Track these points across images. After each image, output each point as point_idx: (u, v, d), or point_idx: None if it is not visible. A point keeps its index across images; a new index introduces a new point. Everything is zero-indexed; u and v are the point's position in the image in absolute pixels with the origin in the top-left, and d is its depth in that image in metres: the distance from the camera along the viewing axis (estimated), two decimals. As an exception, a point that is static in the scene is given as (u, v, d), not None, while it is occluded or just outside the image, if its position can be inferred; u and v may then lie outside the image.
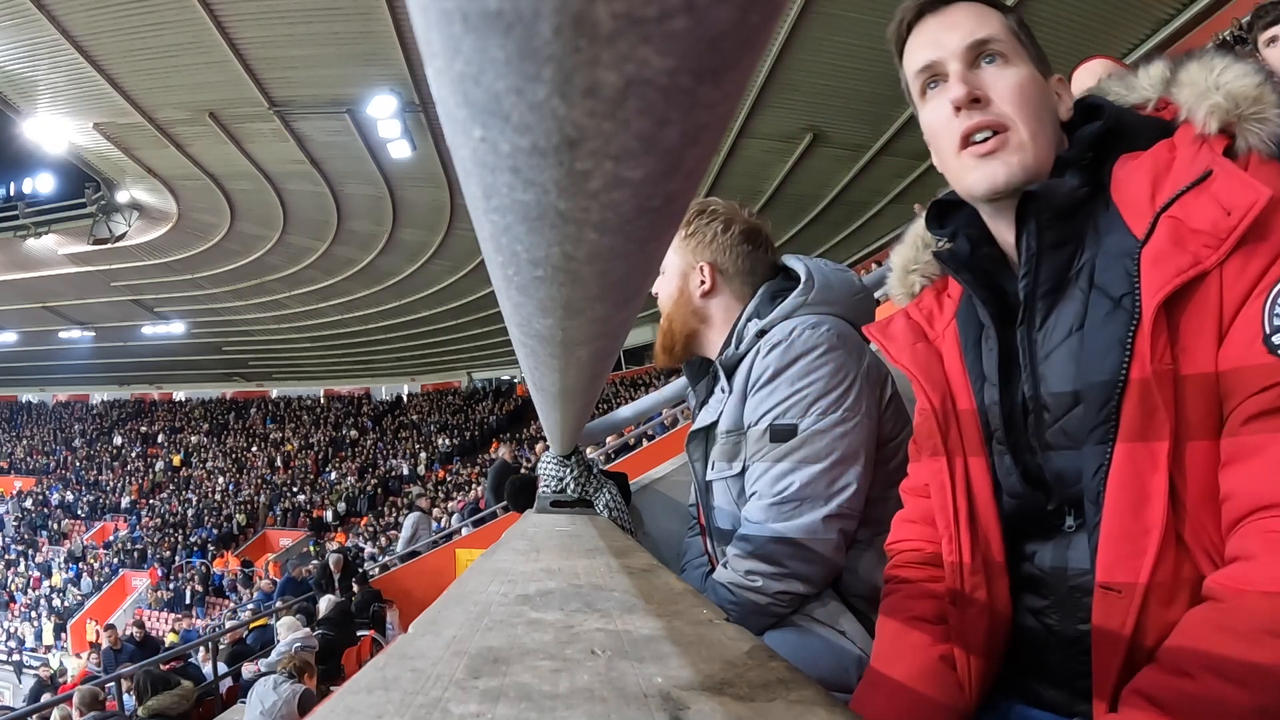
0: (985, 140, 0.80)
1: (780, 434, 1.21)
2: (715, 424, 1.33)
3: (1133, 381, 0.69)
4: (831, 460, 1.18)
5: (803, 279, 1.32)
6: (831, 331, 1.24)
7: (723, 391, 1.32)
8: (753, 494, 1.23)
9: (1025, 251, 0.80)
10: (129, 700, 5.00)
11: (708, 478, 1.35)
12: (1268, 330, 0.64)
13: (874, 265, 10.64)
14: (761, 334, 1.29)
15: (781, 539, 1.16)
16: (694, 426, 1.39)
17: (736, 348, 1.32)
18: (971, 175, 0.81)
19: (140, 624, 8.37)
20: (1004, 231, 0.85)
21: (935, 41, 0.84)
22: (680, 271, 1.41)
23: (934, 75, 0.84)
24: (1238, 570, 0.63)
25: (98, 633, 17.31)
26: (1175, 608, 0.67)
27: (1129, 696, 0.64)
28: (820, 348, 1.21)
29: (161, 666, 5.75)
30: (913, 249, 1.03)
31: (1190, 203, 0.69)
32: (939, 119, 0.84)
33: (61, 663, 14.76)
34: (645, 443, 8.75)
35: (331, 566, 8.35)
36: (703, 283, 1.39)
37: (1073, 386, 0.76)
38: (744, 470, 1.27)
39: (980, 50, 0.82)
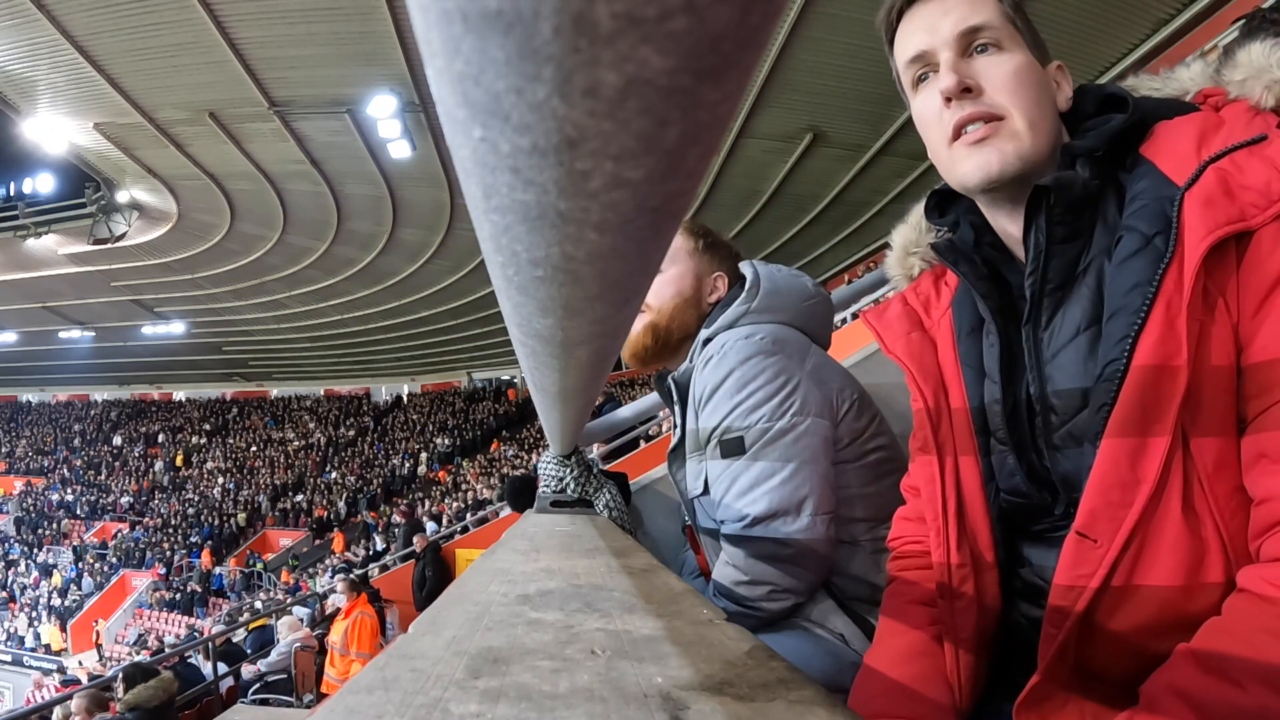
0: (977, 129, 0.76)
1: (730, 448, 1.18)
2: (683, 441, 1.31)
3: (1154, 320, 0.65)
4: (789, 470, 1.14)
5: (747, 285, 1.30)
6: (766, 339, 1.21)
7: (680, 409, 1.31)
8: (721, 515, 1.20)
9: (1034, 247, 0.77)
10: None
11: (689, 496, 1.33)
12: None
13: (871, 266, 10.58)
14: (707, 343, 1.27)
15: (762, 559, 1.13)
16: (671, 444, 1.36)
17: (690, 360, 1.31)
18: (963, 166, 0.77)
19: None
20: (1005, 224, 0.81)
21: (927, 28, 0.80)
22: (694, 274, 1.39)
23: (926, 65, 0.81)
24: None
25: (98, 634, 17.37)
26: (1155, 560, 0.65)
27: (1163, 694, 0.60)
28: (755, 357, 1.19)
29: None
30: (915, 230, 1.00)
31: (1242, 160, 0.66)
32: (930, 111, 0.80)
33: (80, 662, 14.74)
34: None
35: (416, 542, 8.65)
36: (714, 290, 1.38)
37: (1081, 384, 0.73)
38: (707, 486, 1.24)
39: (973, 38, 0.79)
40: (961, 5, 0.80)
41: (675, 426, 1.39)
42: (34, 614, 19.20)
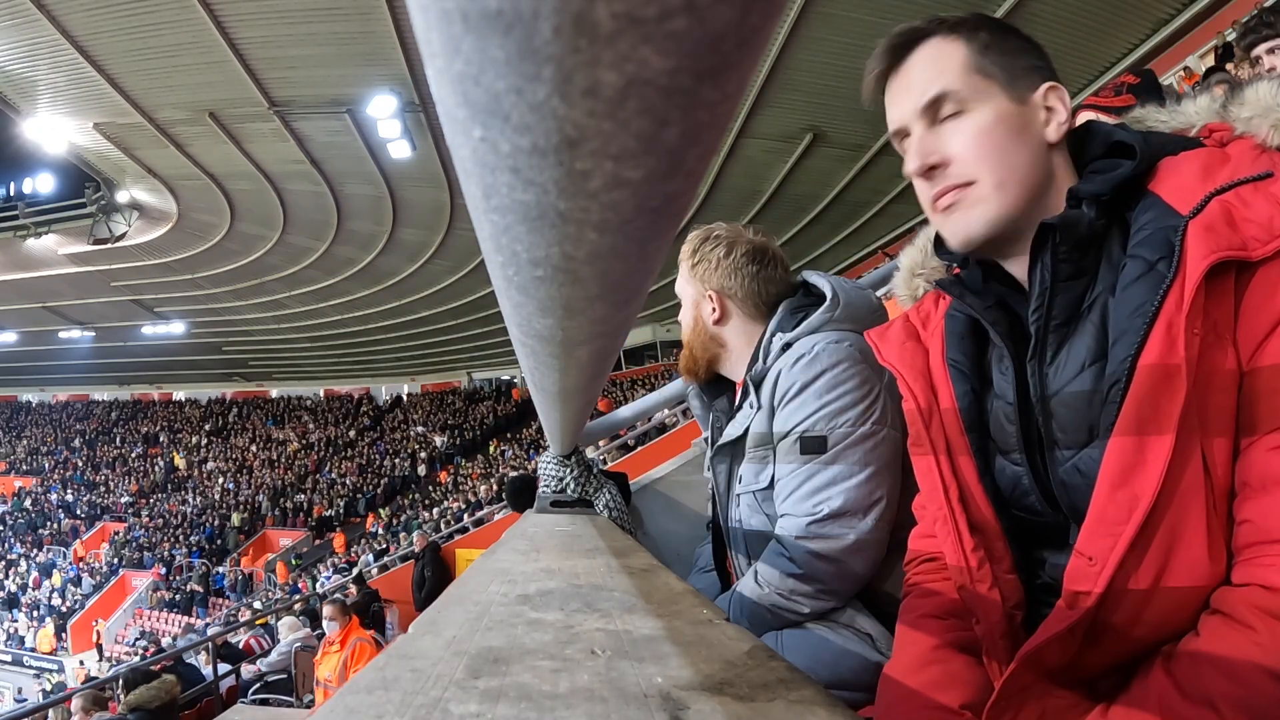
0: (947, 196, 0.79)
1: (810, 445, 1.21)
2: (743, 437, 1.33)
3: (1153, 340, 0.66)
4: (867, 474, 1.19)
5: (828, 296, 1.34)
6: (854, 347, 1.25)
7: (750, 406, 1.32)
8: (786, 510, 1.23)
9: (1039, 284, 0.77)
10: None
11: (736, 492, 1.35)
12: None
13: (885, 257, 10.50)
14: (787, 347, 1.29)
15: (821, 556, 1.17)
16: (721, 440, 1.39)
17: (764, 362, 1.33)
18: (944, 231, 0.81)
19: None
20: (1010, 264, 0.83)
21: (898, 103, 0.82)
22: (693, 301, 1.42)
23: (904, 138, 0.83)
24: (1266, 597, 0.59)
25: (98, 634, 17.37)
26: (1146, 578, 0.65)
27: (1133, 710, 0.61)
28: (845, 362, 1.23)
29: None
30: (921, 253, 1.02)
31: (1247, 194, 0.67)
32: (914, 178, 0.83)
33: (81, 662, 14.73)
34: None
35: (416, 542, 8.57)
36: (714, 310, 1.40)
37: (1087, 421, 0.74)
38: (771, 483, 1.27)
39: (937, 108, 0.79)
40: (923, 77, 0.80)
41: (716, 424, 1.44)
42: (34, 614, 19.20)
